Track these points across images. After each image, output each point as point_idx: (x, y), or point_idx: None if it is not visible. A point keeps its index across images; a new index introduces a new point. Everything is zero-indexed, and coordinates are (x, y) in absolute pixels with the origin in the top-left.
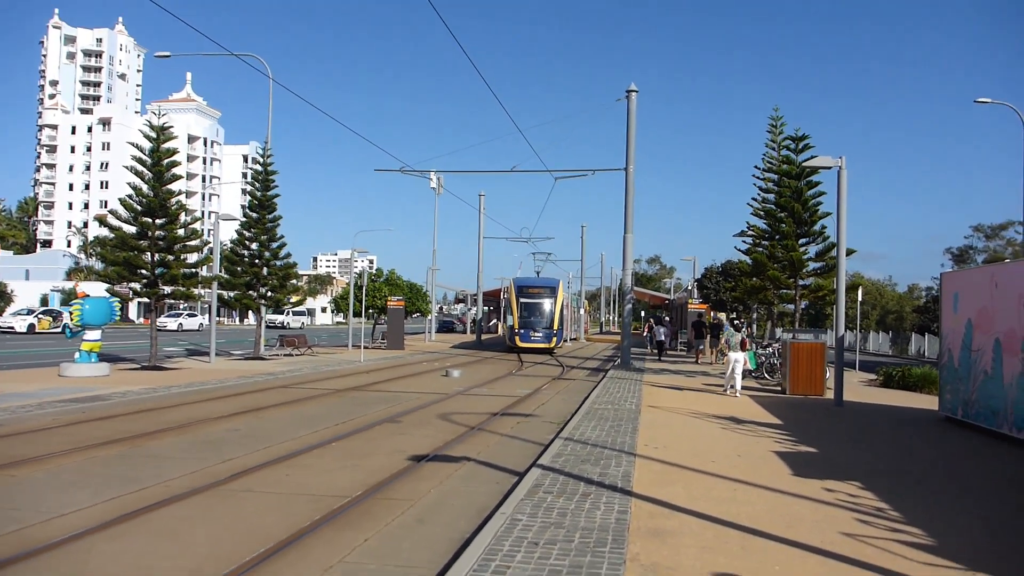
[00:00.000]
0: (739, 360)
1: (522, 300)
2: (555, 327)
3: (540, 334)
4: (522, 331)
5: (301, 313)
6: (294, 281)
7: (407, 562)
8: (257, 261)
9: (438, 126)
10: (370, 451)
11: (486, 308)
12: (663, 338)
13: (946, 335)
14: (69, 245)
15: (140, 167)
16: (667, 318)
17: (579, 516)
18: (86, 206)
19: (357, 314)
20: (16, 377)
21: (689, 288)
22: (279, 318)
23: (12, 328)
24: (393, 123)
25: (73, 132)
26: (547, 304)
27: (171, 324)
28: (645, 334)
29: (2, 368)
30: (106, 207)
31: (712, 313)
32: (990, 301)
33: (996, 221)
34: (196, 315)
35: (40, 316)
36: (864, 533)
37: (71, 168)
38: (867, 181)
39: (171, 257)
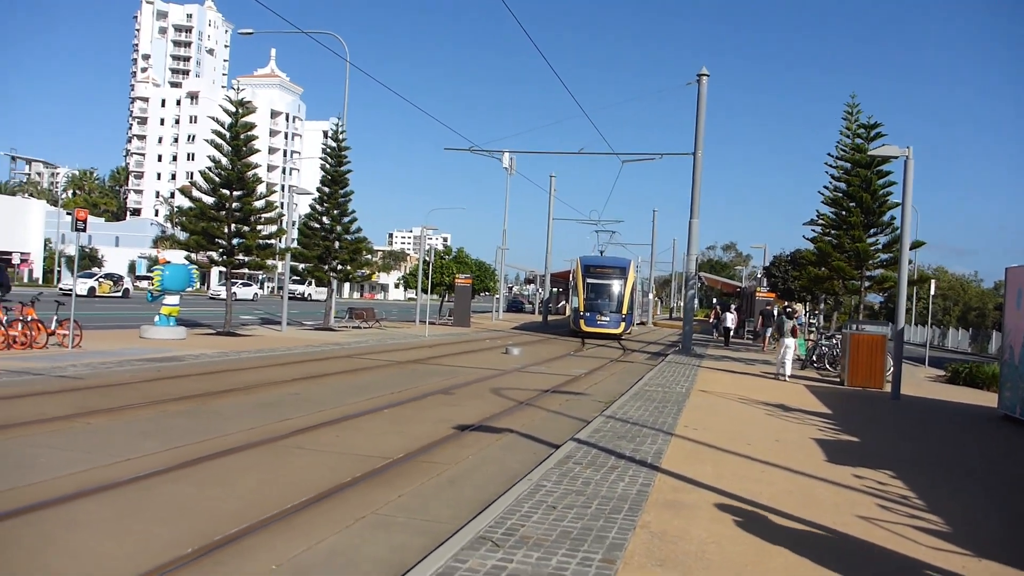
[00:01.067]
0: (789, 346)
1: (589, 280)
2: (624, 310)
3: (607, 318)
4: (587, 314)
5: (325, 285)
6: (368, 256)
7: (433, 517)
8: (329, 235)
9: (507, 107)
10: (419, 419)
11: (554, 289)
12: (730, 324)
13: (1009, 331)
14: (156, 214)
15: (219, 140)
16: (734, 305)
17: (602, 486)
18: (173, 177)
19: (425, 291)
20: (101, 337)
21: (758, 276)
22: (300, 288)
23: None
24: (464, 103)
25: (163, 105)
26: (616, 285)
27: (223, 293)
28: (712, 320)
29: (88, 328)
30: (191, 178)
31: (785, 303)
32: None
33: None
34: (250, 285)
35: (100, 280)
36: (880, 517)
37: (160, 140)
38: (960, 174)
39: (247, 228)
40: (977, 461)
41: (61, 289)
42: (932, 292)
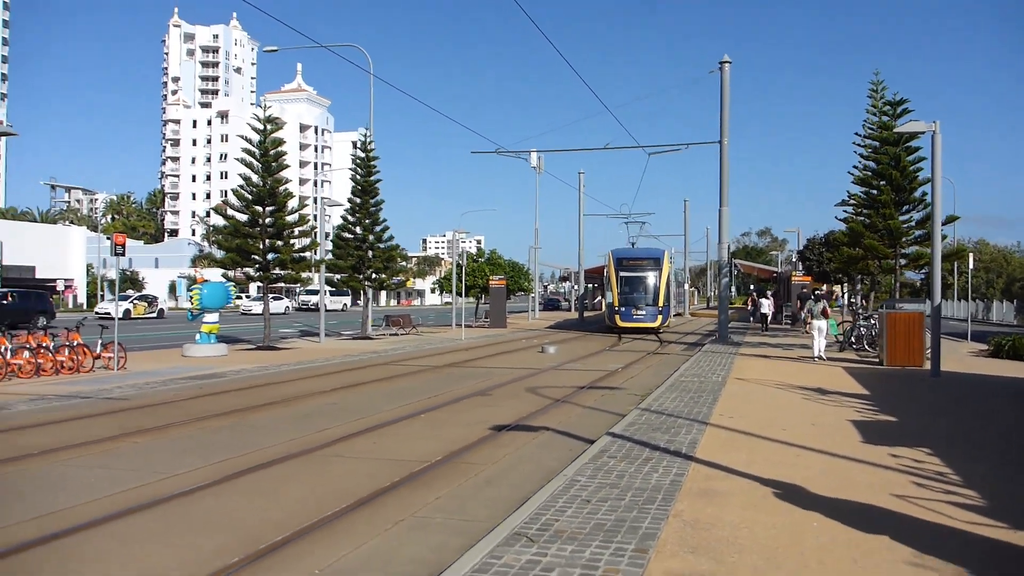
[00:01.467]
0: (821, 328)
1: (622, 274)
2: (660, 303)
3: (643, 311)
4: (623, 309)
5: (342, 294)
6: (404, 263)
7: (470, 516)
8: (362, 245)
9: (532, 107)
10: (455, 422)
11: (589, 285)
12: (766, 310)
13: None
14: (193, 234)
15: (249, 158)
16: (770, 291)
17: (636, 478)
18: (208, 196)
19: (459, 294)
20: (145, 358)
21: (793, 260)
22: (313, 299)
23: (109, 314)
24: (489, 105)
25: (194, 126)
26: (651, 277)
27: (256, 308)
28: (749, 307)
29: (132, 350)
30: (225, 197)
31: (824, 286)
32: None
33: None
34: (281, 298)
35: (135, 302)
36: (915, 495)
37: (193, 160)
38: (997, 144)
39: (280, 243)
40: (1015, 436)
41: (97, 313)
42: (972, 266)
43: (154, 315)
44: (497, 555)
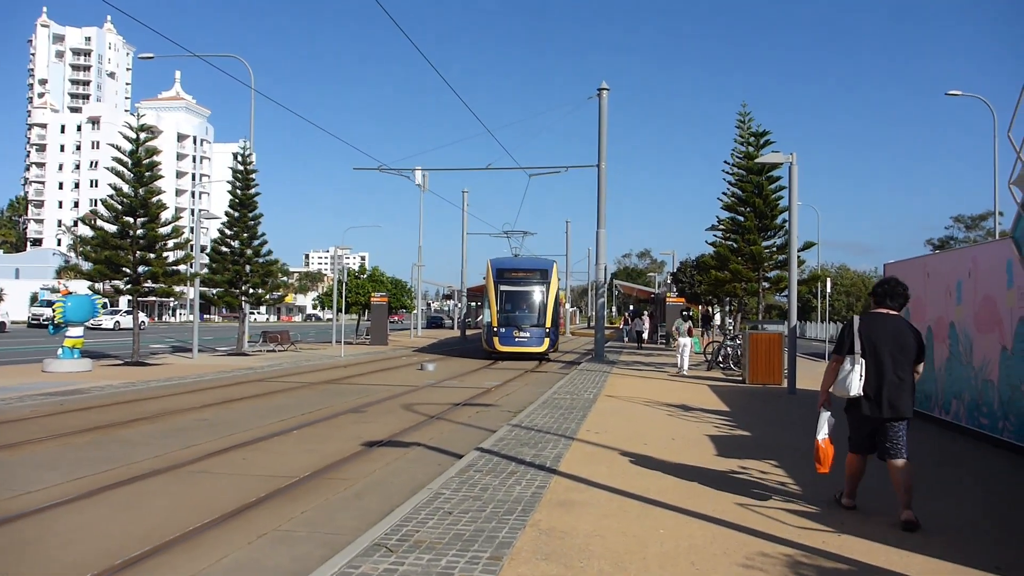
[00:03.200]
0: (686, 344)
1: (503, 288)
2: (548, 323)
3: (527, 334)
4: (502, 330)
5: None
6: (285, 278)
7: (335, 530)
8: (239, 259)
9: (416, 124)
10: (329, 437)
11: (472, 303)
12: (640, 328)
13: None
14: (59, 244)
15: (120, 167)
16: (645, 311)
17: (499, 491)
18: (76, 205)
19: (340, 310)
20: (0, 373)
21: (668, 282)
22: (44, 312)
23: None
24: (372, 121)
25: (63, 131)
26: (537, 292)
27: (107, 323)
28: (622, 327)
29: None
30: (95, 205)
31: (700, 307)
32: (923, 291)
33: (977, 211)
34: (131, 312)
35: None
36: (757, 503)
37: (61, 167)
38: (857, 173)
39: (152, 255)
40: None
41: None
42: (828, 290)
43: None
44: (355, 565)
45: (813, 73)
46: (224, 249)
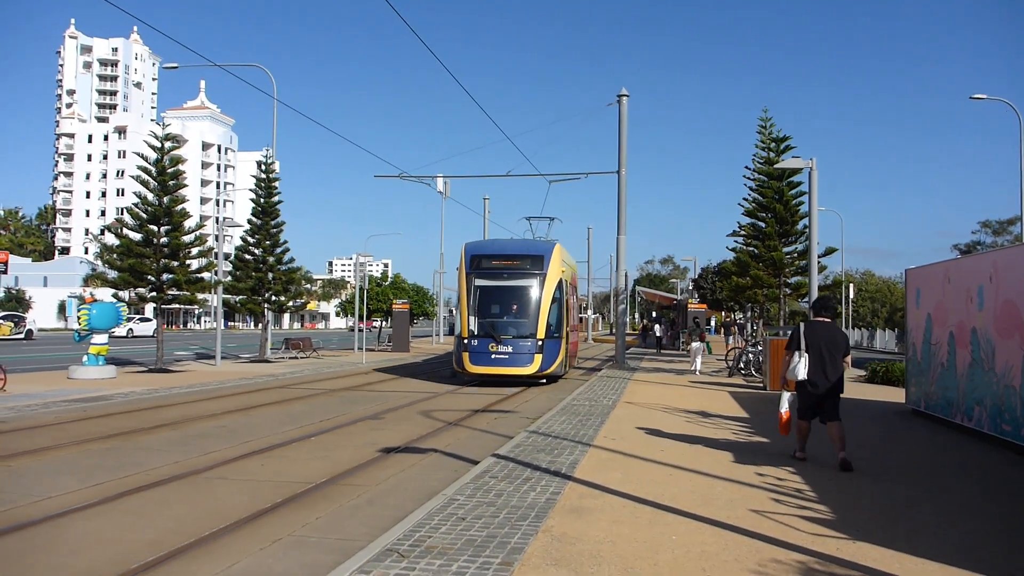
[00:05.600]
0: (698, 348)
1: (478, 282)
2: (540, 331)
3: (509, 348)
4: (475, 343)
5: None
6: (308, 286)
7: (347, 535)
8: (262, 266)
9: (437, 131)
10: (345, 444)
11: None
12: (659, 334)
13: (911, 330)
14: (86, 252)
15: (145, 176)
16: (662, 318)
17: (513, 497)
18: (103, 213)
19: (362, 317)
20: (27, 380)
21: (690, 288)
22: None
23: None
24: (392, 129)
25: (90, 140)
26: (527, 288)
27: (119, 331)
28: (639, 331)
29: (14, 372)
30: (121, 214)
31: (723, 314)
32: (944, 296)
33: (1004, 216)
34: (151, 319)
35: (0, 322)
36: (772, 510)
37: (88, 176)
38: (881, 178)
39: (175, 263)
40: (875, 453)
41: None
42: (851, 296)
43: (21, 336)
44: (367, 570)
45: (835, 77)
46: (247, 257)
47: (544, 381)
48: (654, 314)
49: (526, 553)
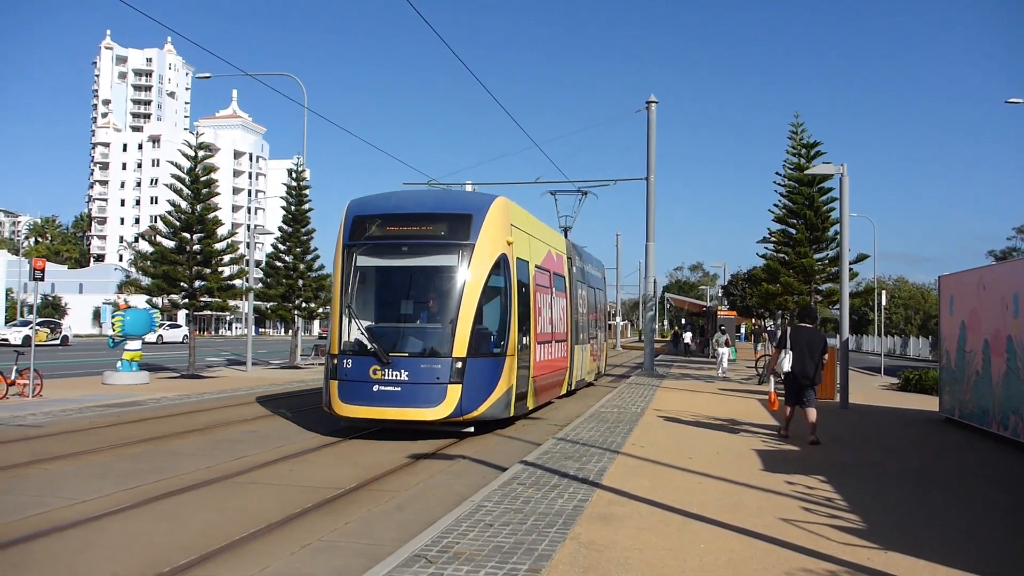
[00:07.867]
0: (724, 353)
1: (362, 262)
2: (459, 344)
3: (405, 373)
4: (349, 366)
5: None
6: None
7: (376, 541)
8: (292, 273)
9: (465, 138)
10: (374, 449)
11: None
12: (688, 341)
13: (944, 337)
14: (121, 259)
15: (178, 184)
16: (692, 325)
17: (541, 504)
18: (137, 221)
19: None
20: (63, 385)
21: (720, 295)
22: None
23: (7, 340)
24: (420, 136)
25: (124, 149)
26: (443, 271)
27: (150, 336)
28: (670, 339)
29: (50, 377)
30: (155, 222)
31: (753, 321)
32: (979, 303)
33: None
34: (180, 326)
35: (37, 328)
36: (801, 519)
37: (123, 184)
38: (914, 183)
39: (208, 270)
40: (908, 462)
41: None
42: (884, 302)
43: (57, 342)
44: (395, 575)
45: (867, 81)
46: (278, 264)
47: (471, 430)
48: (683, 321)
49: (553, 560)
